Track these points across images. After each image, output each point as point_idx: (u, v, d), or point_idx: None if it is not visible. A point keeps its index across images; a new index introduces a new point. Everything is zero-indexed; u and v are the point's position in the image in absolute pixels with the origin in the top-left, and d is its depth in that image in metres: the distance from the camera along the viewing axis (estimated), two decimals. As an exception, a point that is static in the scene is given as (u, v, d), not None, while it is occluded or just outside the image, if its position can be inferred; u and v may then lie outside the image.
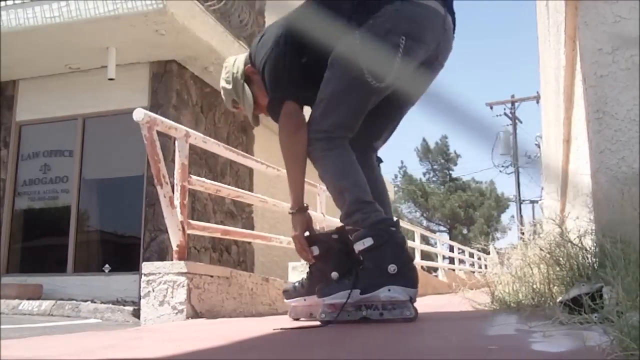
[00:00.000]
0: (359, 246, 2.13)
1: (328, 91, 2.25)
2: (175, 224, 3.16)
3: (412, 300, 2.10)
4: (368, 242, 2.10)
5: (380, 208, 2.21)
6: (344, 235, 2.26)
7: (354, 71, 2.18)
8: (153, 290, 3.00)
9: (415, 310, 2.10)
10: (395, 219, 2.25)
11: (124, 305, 6.72)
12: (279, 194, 7.80)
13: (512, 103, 26.80)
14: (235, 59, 2.56)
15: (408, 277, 2.09)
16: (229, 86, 2.50)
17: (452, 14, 2.36)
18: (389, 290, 2.06)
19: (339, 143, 2.25)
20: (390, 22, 2.18)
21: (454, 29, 2.39)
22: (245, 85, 2.48)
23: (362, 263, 2.15)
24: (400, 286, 2.06)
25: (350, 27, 2.22)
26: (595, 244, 1.99)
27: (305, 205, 2.38)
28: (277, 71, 2.32)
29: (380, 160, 2.60)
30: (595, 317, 1.43)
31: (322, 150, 2.25)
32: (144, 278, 3.04)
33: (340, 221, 2.27)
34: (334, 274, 2.18)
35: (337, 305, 2.13)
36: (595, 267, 1.89)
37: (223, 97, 2.59)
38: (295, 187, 2.36)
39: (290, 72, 2.32)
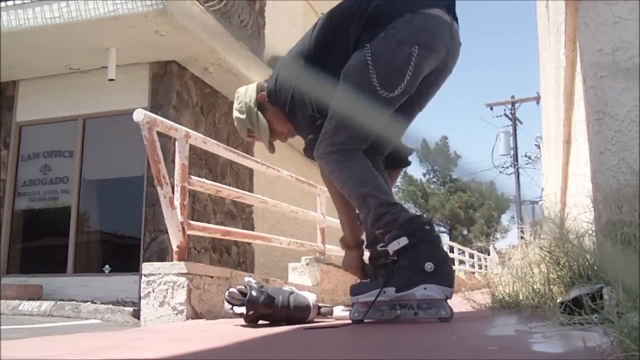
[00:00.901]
0: (394, 246, 2.10)
1: (341, 104, 2.26)
2: (175, 224, 3.16)
3: (447, 299, 2.07)
4: (403, 241, 2.08)
5: (406, 208, 2.22)
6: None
7: (365, 84, 2.20)
8: (153, 291, 3.00)
9: (451, 309, 2.07)
10: (427, 217, 2.25)
11: (124, 306, 6.71)
12: (279, 195, 7.80)
13: (512, 104, 26.79)
14: (246, 88, 2.58)
15: (445, 276, 2.07)
16: (243, 116, 2.53)
17: (456, 20, 2.39)
18: (425, 288, 2.04)
19: (354, 154, 2.27)
20: (401, 33, 2.21)
21: (458, 31, 2.42)
22: (259, 113, 2.50)
23: (397, 262, 2.12)
24: (437, 285, 2.04)
25: (362, 42, 2.25)
26: (595, 245, 1.99)
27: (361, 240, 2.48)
28: (306, 109, 2.35)
29: (409, 163, 2.63)
30: (596, 317, 1.43)
31: (338, 162, 2.27)
32: (144, 279, 3.04)
33: (370, 227, 2.26)
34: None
35: (369, 303, 2.11)
36: (596, 268, 1.89)
37: (237, 127, 2.61)
38: (350, 222, 2.47)
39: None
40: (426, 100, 2.50)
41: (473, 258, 17.49)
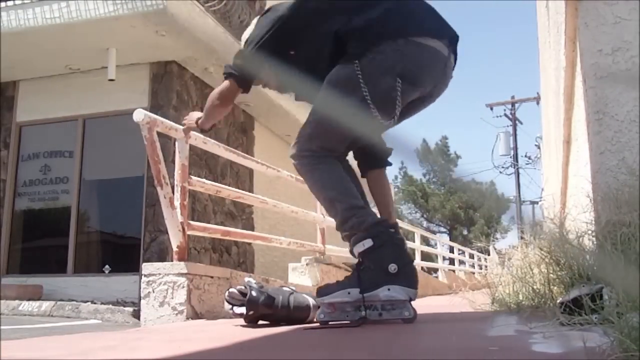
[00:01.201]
0: (358, 248, 2.14)
1: (320, 113, 2.26)
2: (175, 224, 3.16)
3: (411, 300, 2.10)
4: (368, 243, 2.11)
5: (373, 212, 2.23)
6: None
7: (349, 101, 2.17)
8: (153, 291, 3.00)
9: (414, 310, 2.10)
10: (394, 221, 2.27)
11: (124, 306, 6.71)
12: (279, 195, 7.80)
13: (512, 104, 26.78)
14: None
15: (408, 277, 2.10)
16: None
17: (455, 54, 2.33)
18: (389, 289, 2.07)
19: (326, 159, 2.28)
20: (389, 62, 2.16)
21: (454, 65, 2.37)
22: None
23: (362, 264, 2.15)
24: (400, 286, 2.07)
25: (350, 55, 2.21)
26: (595, 245, 1.99)
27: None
28: (251, 47, 2.36)
29: (389, 164, 2.61)
30: (596, 318, 1.43)
31: (310, 165, 2.28)
32: (144, 279, 3.04)
33: (337, 230, 2.28)
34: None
35: (336, 305, 2.14)
36: (595, 268, 1.89)
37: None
38: (204, 117, 2.59)
39: (260, 51, 2.33)
40: (403, 118, 2.45)
41: (473, 258, 17.48)
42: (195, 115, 2.73)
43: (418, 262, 10.62)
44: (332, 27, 2.24)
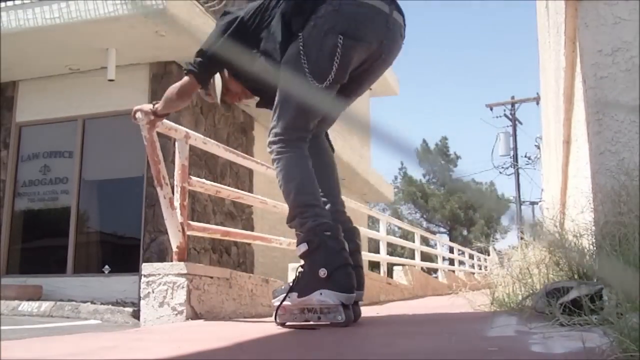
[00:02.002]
0: (298, 251, 2.21)
1: (280, 95, 2.35)
2: (175, 225, 3.15)
3: (344, 305, 2.11)
4: (303, 247, 2.18)
5: (323, 212, 2.26)
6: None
7: (299, 74, 2.25)
8: (153, 292, 3.00)
9: (348, 315, 2.12)
10: (331, 223, 2.24)
11: (124, 307, 6.71)
12: (279, 195, 7.79)
13: (512, 104, 26.78)
14: None
15: (339, 282, 2.12)
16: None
17: (401, 13, 2.38)
18: (321, 294, 2.11)
19: (293, 145, 2.32)
20: (329, 23, 2.23)
21: (404, 28, 2.41)
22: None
23: (303, 267, 2.21)
24: (332, 290, 2.10)
25: (295, 33, 2.29)
26: (594, 245, 1.99)
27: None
28: (211, 48, 2.48)
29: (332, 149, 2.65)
30: (595, 318, 1.43)
31: (277, 154, 2.35)
32: (143, 279, 3.04)
33: (287, 224, 2.36)
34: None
35: (286, 307, 2.22)
36: (595, 269, 1.89)
37: None
38: (162, 105, 2.70)
39: (220, 54, 2.43)
40: (362, 88, 2.53)
41: (473, 259, 17.47)
42: (147, 106, 2.82)
43: (418, 263, 10.61)
44: (278, 13, 2.34)
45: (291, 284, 2.23)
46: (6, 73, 8.48)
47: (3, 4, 7.57)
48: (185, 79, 2.57)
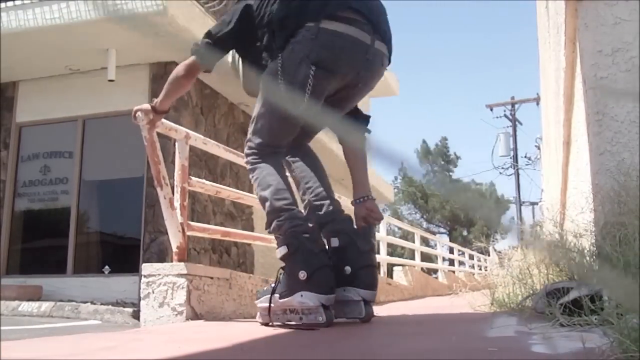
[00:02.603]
0: (278, 253, 2.24)
1: (256, 111, 2.42)
2: (175, 225, 3.15)
3: (325, 306, 2.14)
4: (283, 250, 2.21)
5: (299, 215, 2.29)
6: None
7: (274, 96, 2.29)
8: (153, 292, 3.00)
9: (329, 315, 2.14)
10: (309, 226, 2.26)
11: (124, 307, 6.71)
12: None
13: (512, 105, 26.78)
14: None
15: (319, 284, 2.14)
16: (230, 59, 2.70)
17: (386, 41, 2.36)
18: (302, 295, 2.14)
19: (267, 157, 2.38)
20: (304, 51, 2.23)
21: (387, 57, 2.40)
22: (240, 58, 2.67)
23: (284, 269, 2.25)
24: (312, 292, 2.13)
25: (276, 50, 2.31)
26: (594, 246, 1.99)
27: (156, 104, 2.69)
28: (220, 32, 2.47)
29: (367, 130, 2.65)
30: (595, 319, 1.43)
31: (251, 164, 2.41)
32: (143, 279, 3.04)
33: (265, 229, 2.40)
34: (302, 274, 2.17)
35: (266, 308, 2.26)
36: (595, 269, 1.89)
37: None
38: (164, 93, 2.66)
39: (227, 38, 2.45)
40: (343, 110, 2.53)
41: (473, 259, 17.47)
42: (145, 105, 2.80)
43: (418, 263, 10.61)
44: (267, 19, 2.36)
45: (273, 286, 2.28)
46: (6, 73, 8.48)
47: (3, 4, 7.57)
48: (190, 59, 2.56)
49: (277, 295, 2.21)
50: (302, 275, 2.12)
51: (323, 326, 2.10)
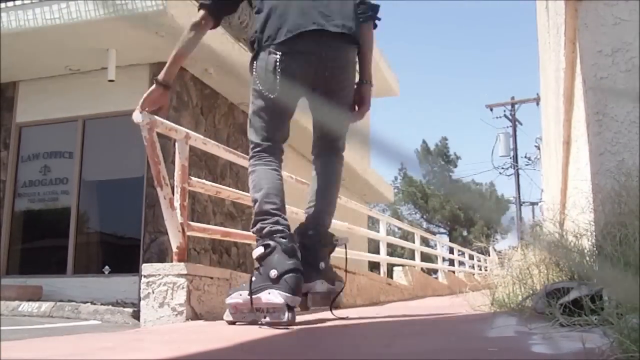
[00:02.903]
0: (254, 253, 2.32)
1: (249, 115, 2.60)
2: (175, 225, 3.15)
3: (289, 306, 2.19)
4: (259, 250, 2.29)
5: (282, 221, 2.36)
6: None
7: (255, 91, 2.49)
8: (153, 292, 3.00)
9: (292, 317, 2.19)
10: (289, 232, 2.35)
11: (124, 307, 6.71)
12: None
13: (512, 105, 26.77)
14: None
15: (287, 284, 2.20)
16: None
17: (345, 26, 2.45)
18: (269, 293, 2.20)
19: (265, 157, 2.50)
20: (253, 82, 2.50)
21: (355, 26, 2.50)
22: None
23: (258, 269, 2.32)
24: (279, 291, 2.19)
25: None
26: (595, 246, 1.99)
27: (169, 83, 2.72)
28: None
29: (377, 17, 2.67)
30: (595, 319, 1.43)
31: (251, 166, 2.52)
32: (143, 280, 3.04)
33: (250, 229, 2.50)
34: (273, 272, 2.23)
35: (237, 306, 2.33)
36: (596, 269, 1.89)
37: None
38: (171, 60, 2.64)
39: None
40: (340, 99, 2.60)
41: (473, 259, 17.46)
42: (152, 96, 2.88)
43: (418, 263, 10.61)
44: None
45: (244, 285, 2.34)
46: (6, 73, 8.48)
47: (3, 4, 7.57)
48: (200, 13, 2.60)
49: (245, 292, 2.28)
50: (273, 274, 2.20)
51: (284, 325, 2.15)
